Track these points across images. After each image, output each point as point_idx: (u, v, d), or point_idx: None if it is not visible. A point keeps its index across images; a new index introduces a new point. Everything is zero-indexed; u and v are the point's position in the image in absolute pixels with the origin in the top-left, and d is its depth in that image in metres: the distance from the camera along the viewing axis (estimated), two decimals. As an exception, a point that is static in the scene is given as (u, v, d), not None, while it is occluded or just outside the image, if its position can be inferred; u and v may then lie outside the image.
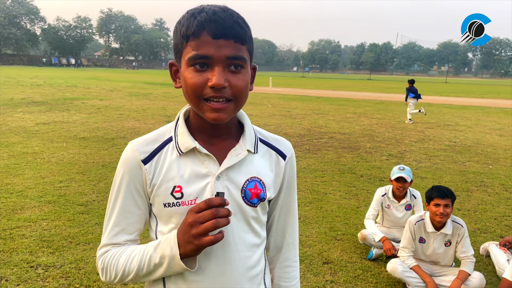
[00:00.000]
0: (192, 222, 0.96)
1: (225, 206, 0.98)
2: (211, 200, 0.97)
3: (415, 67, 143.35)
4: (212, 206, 0.96)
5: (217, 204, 0.97)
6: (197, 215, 0.96)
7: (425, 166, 7.50)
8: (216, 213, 0.96)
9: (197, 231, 0.96)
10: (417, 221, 3.37)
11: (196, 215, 0.97)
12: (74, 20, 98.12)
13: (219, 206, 0.97)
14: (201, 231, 0.95)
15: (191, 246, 0.97)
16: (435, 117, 15.03)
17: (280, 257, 1.29)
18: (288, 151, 1.22)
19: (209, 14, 0.97)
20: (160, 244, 1.02)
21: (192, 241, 0.97)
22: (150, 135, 1.13)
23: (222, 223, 0.96)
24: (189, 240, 0.97)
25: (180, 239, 0.99)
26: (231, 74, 0.99)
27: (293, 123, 12.28)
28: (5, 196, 5.00)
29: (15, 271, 3.29)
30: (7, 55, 79.26)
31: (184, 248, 0.98)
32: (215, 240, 0.96)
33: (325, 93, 27.25)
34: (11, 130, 9.43)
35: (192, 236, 0.96)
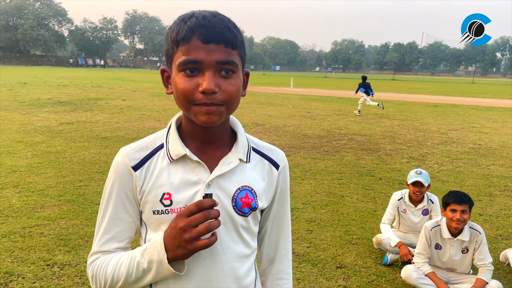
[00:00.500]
0: (184, 227, 0.94)
1: (215, 207, 0.97)
2: (202, 202, 0.95)
3: (441, 67, 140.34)
4: (203, 209, 0.95)
5: (208, 206, 0.95)
6: (188, 219, 0.94)
7: (447, 169, 7.33)
8: (208, 216, 0.94)
9: (190, 236, 0.94)
10: (433, 226, 3.28)
11: (188, 219, 0.94)
12: (100, 22, 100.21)
13: (209, 208, 0.96)
14: (194, 235, 0.94)
15: (182, 250, 0.96)
16: (459, 119, 14.67)
17: (272, 269, 1.27)
18: (282, 161, 1.20)
19: (199, 19, 0.97)
20: (147, 249, 1.01)
21: (185, 246, 0.95)
22: (142, 142, 1.13)
23: (215, 225, 0.95)
24: (181, 245, 0.95)
25: (170, 244, 0.97)
26: (222, 79, 0.99)
27: (312, 124, 12.20)
28: (26, 195, 5.13)
29: (32, 268, 3.37)
30: (36, 56, 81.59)
31: (174, 252, 0.97)
32: (209, 243, 0.95)
33: (347, 94, 26.95)
34: (36, 129, 9.68)
35: (184, 241, 0.95)
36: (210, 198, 0.97)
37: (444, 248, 3.27)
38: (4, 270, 3.32)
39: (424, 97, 25.85)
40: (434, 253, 3.33)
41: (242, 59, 1.04)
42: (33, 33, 78.78)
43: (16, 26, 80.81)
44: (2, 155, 7.10)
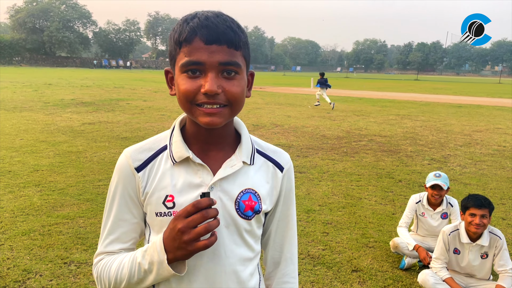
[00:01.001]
0: (183, 228, 0.93)
1: (213, 206, 0.95)
2: (200, 202, 0.93)
3: (466, 67, 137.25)
4: (201, 209, 0.93)
5: (206, 205, 0.93)
6: (186, 221, 0.93)
7: (470, 171, 7.14)
8: (206, 216, 0.93)
9: (190, 237, 0.93)
10: (452, 231, 3.20)
11: (186, 221, 0.93)
12: (123, 24, 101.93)
13: (207, 208, 0.94)
14: (193, 237, 0.93)
15: (182, 251, 0.95)
16: (484, 120, 14.30)
17: (277, 273, 1.25)
18: (286, 163, 1.18)
19: (202, 19, 0.96)
20: (147, 250, 1.01)
21: (185, 247, 0.94)
22: (145, 143, 1.13)
23: (214, 225, 0.94)
24: (180, 246, 0.94)
25: (169, 245, 0.96)
26: (225, 80, 0.97)
27: (332, 125, 12.09)
28: (47, 194, 5.24)
29: (50, 266, 3.44)
30: (61, 57, 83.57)
31: (174, 253, 0.96)
32: (209, 244, 0.94)
33: (368, 94, 26.65)
34: (59, 129, 9.89)
35: (184, 243, 0.93)
36: (207, 197, 0.95)
37: (463, 253, 3.18)
38: (22, 268, 3.39)
39: (448, 98, 25.32)
40: (453, 258, 3.24)
41: (246, 60, 1.03)
42: (58, 35, 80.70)
43: (43, 29, 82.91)
44: (26, 154, 7.27)
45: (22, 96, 17.53)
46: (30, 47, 79.10)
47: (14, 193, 5.21)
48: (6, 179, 5.79)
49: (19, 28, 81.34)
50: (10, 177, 5.87)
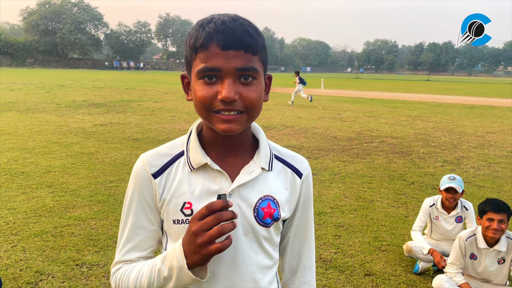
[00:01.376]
0: (196, 231, 0.90)
1: (229, 208, 0.91)
2: (213, 204, 0.90)
3: (479, 67, 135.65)
4: (215, 211, 0.90)
5: (219, 207, 0.90)
6: (200, 223, 0.90)
7: (484, 174, 7.04)
8: (220, 218, 0.89)
9: (202, 240, 0.90)
10: (469, 236, 3.13)
11: (199, 223, 0.90)
12: (134, 25, 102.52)
13: (222, 210, 0.91)
14: (206, 240, 0.89)
15: (198, 256, 0.92)
16: (498, 121, 14.09)
17: (295, 281, 1.22)
18: (305, 169, 1.16)
19: (218, 24, 0.94)
20: (167, 256, 0.98)
21: (199, 251, 0.91)
22: (162, 148, 1.11)
23: (227, 228, 0.89)
24: (195, 250, 0.92)
25: (186, 250, 0.94)
26: (242, 86, 0.95)
27: (342, 126, 12.01)
28: (59, 195, 5.28)
29: (62, 268, 3.45)
30: (73, 59, 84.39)
31: (192, 258, 0.93)
32: (222, 247, 0.90)
33: (379, 95, 26.47)
34: (71, 131, 9.98)
35: (197, 246, 0.91)
36: (222, 199, 0.92)
37: (480, 259, 3.12)
38: (35, 269, 3.41)
39: (460, 98, 25.04)
40: (469, 263, 3.18)
41: (263, 64, 1.01)
42: (70, 37, 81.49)
43: (55, 31, 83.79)
44: (39, 155, 7.34)
45: (35, 97, 17.73)
46: (42, 49, 80.00)
47: (27, 194, 5.26)
48: (19, 180, 5.85)
49: (32, 30, 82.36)
50: (23, 178, 5.93)
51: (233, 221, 0.91)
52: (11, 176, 6.01)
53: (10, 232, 4.13)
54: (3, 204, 4.88)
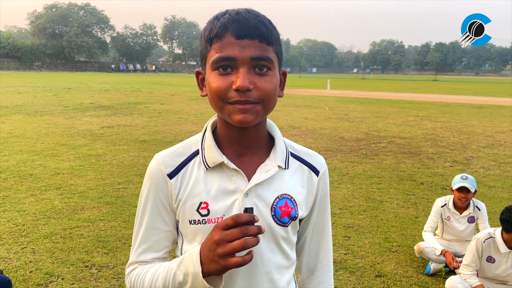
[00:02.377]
0: (219, 240, 0.89)
1: (255, 223, 0.89)
2: (239, 216, 0.89)
3: (486, 67, 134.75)
4: (240, 224, 0.88)
5: (246, 221, 0.88)
6: (224, 233, 0.89)
7: (494, 174, 6.96)
8: (245, 232, 0.87)
9: (224, 251, 0.88)
10: (486, 238, 3.05)
11: (224, 233, 0.89)
12: (141, 28, 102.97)
13: (248, 224, 0.89)
14: (227, 251, 0.88)
15: (215, 265, 0.90)
16: (507, 121, 13.96)
17: (313, 281, 1.20)
18: (321, 166, 1.14)
19: (232, 15, 0.94)
20: (183, 261, 0.97)
21: (218, 261, 0.89)
22: (177, 148, 1.09)
23: (251, 243, 0.88)
24: (214, 259, 0.90)
25: (204, 257, 0.92)
26: (257, 76, 0.94)
27: (350, 127, 11.95)
28: (68, 197, 5.29)
29: (71, 270, 3.45)
30: (80, 62, 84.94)
31: (208, 266, 0.91)
32: (242, 262, 0.88)
33: (386, 95, 26.34)
34: (79, 133, 10.02)
35: (217, 255, 0.89)
36: (249, 213, 0.90)
37: (499, 261, 3.05)
38: (44, 271, 3.41)
39: (468, 98, 24.85)
40: (485, 265, 3.11)
41: (278, 57, 0.99)
42: (77, 40, 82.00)
43: (62, 34, 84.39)
44: (47, 157, 7.37)
45: (43, 100, 17.85)
46: (50, 52, 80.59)
47: (36, 196, 5.27)
48: (28, 182, 5.87)
49: (39, 33, 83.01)
50: (31, 180, 5.95)
51: (258, 236, 0.89)
52: (20, 178, 6.03)
53: (19, 234, 4.13)
54: (12, 206, 4.90)
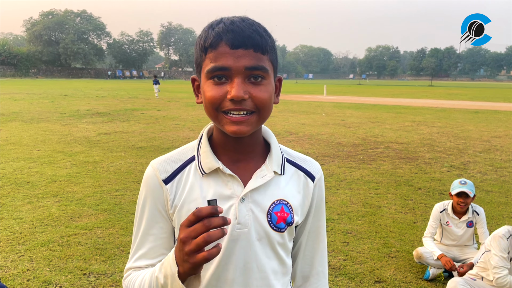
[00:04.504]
0: (184, 238, 0.85)
1: (218, 214, 0.85)
2: (200, 210, 0.83)
3: (481, 72, 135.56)
4: (202, 217, 0.84)
5: (207, 213, 0.83)
6: (188, 230, 0.85)
7: (491, 178, 6.98)
8: (208, 225, 0.83)
9: (190, 248, 0.84)
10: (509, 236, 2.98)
11: (187, 230, 0.85)
12: (137, 35, 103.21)
13: (211, 216, 0.84)
14: (193, 248, 0.83)
15: (187, 264, 0.86)
16: (502, 125, 14.03)
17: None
18: (317, 172, 1.14)
19: (227, 24, 0.94)
20: (163, 263, 0.95)
21: (187, 260, 0.86)
22: (172, 154, 1.09)
23: (214, 236, 0.82)
24: (184, 259, 0.86)
25: (177, 257, 0.89)
26: (252, 86, 0.94)
27: (347, 132, 11.98)
28: (65, 204, 5.26)
29: (69, 278, 3.42)
30: (76, 69, 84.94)
31: (183, 266, 0.88)
32: (208, 256, 0.83)
33: (382, 101, 26.44)
34: (76, 140, 9.99)
35: (186, 254, 0.85)
36: (210, 206, 0.85)
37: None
38: (42, 279, 3.38)
39: (464, 103, 24.98)
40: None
41: (273, 65, 0.99)
42: (73, 47, 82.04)
43: (58, 41, 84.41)
44: (44, 165, 7.34)
45: (39, 107, 17.80)
46: (46, 59, 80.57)
47: (33, 204, 5.24)
48: (24, 189, 5.84)
49: (35, 40, 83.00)
50: (28, 188, 5.92)
51: (223, 228, 0.85)
52: (16, 186, 6.00)
53: (16, 242, 4.10)
54: (9, 214, 4.87)
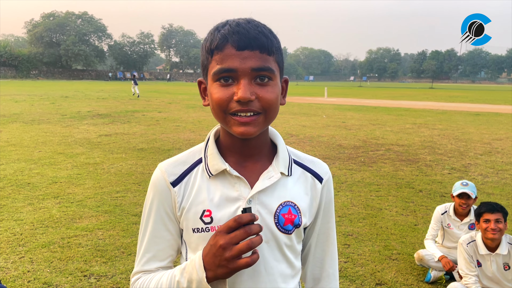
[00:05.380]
0: (225, 245, 0.88)
1: (255, 221, 0.90)
2: (241, 217, 0.89)
3: (482, 74, 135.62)
4: (243, 224, 0.89)
5: (248, 221, 0.89)
6: (229, 236, 0.89)
7: (492, 181, 6.97)
8: (249, 232, 0.88)
9: (231, 254, 0.88)
10: (468, 242, 3.13)
11: (228, 236, 0.89)
12: (138, 36, 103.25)
13: (250, 223, 0.89)
14: (235, 254, 0.88)
15: (223, 269, 0.90)
16: (503, 128, 14.02)
17: None
18: (325, 173, 1.13)
19: (233, 26, 0.94)
20: (186, 268, 0.96)
21: (226, 265, 0.89)
22: (180, 156, 1.10)
23: (256, 242, 0.89)
24: (221, 264, 0.90)
25: (209, 263, 0.91)
26: (258, 87, 0.94)
27: (348, 134, 11.98)
28: (66, 205, 5.26)
29: (70, 279, 3.42)
30: (77, 70, 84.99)
31: (215, 271, 0.91)
32: (251, 262, 0.89)
33: (383, 103, 26.44)
34: (76, 141, 9.99)
35: (225, 260, 0.89)
36: (249, 213, 0.90)
37: (485, 265, 3.08)
38: (43, 281, 3.38)
39: (464, 106, 24.97)
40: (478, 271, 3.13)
41: (279, 66, 1.00)
42: (74, 49, 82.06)
43: (59, 42, 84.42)
44: (44, 166, 7.34)
45: (40, 109, 17.82)
46: (47, 61, 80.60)
47: (34, 205, 5.24)
48: (25, 191, 5.84)
49: (36, 42, 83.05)
50: (29, 189, 5.91)
51: (260, 235, 0.90)
52: (17, 187, 6.00)
53: (17, 243, 4.10)
54: (10, 215, 4.86)
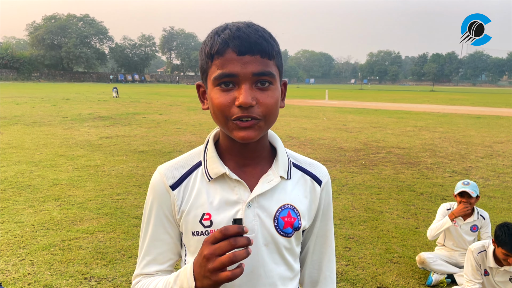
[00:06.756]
0: (208, 255, 0.86)
1: (244, 234, 0.86)
2: (227, 228, 0.85)
3: (483, 77, 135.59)
4: (229, 236, 0.85)
5: (234, 233, 0.85)
6: (213, 247, 0.86)
7: (493, 184, 6.96)
8: (234, 244, 0.84)
9: (213, 266, 0.85)
10: (479, 252, 3.07)
11: (212, 247, 0.86)
12: (139, 39, 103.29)
13: (237, 236, 0.86)
14: (217, 266, 0.85)
15: (207, 281, 0.87)
16: (505, 131, 14.01)
17: None
18: (324, 176, 1.14)
19: (233, 30, 0.94)
20: (179, 275, 0.96)
21: (209, 276, 0.86)
22: (179, 159, 1.10)
23: (240, 256, 0.84)
24: (205, 275, 0.87)
25: (197, 272, 0.90)
26: (259, 92, 0.94)
27: (348, 137, 11.97)
28: (66, 208, 5.25)
29: (70, 282, 3.41)
30: (78, 72, 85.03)
31: (202, 282, 0.89)
32: (232, 276, 0.85)
33: (383, 106, 26.44)
34: (77, 143, 10.00)
35: (208, 271, 0.86)
36: (238, 225, 0.87)
37: (492, 275, 3.05)
38: (43, 283, 3.37)
39: (465, 109, 24.96)
40: (484, 279, 3.10)
41: (279, 69, 1.00)
42: (76, 51, 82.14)
43: (60, 45, 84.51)
44: (45, 168, 7.34)
45: (41, 111, 17.84)
46: (48, 63, 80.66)
47: (34, 208, 5.24)
48: (26, 193, 5.84)
49: (37, 44, 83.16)
50: (30, 191, 5.92)
51: (248, 248, 0.86)
52: (18, 189, 6.00)
53: (18, 246, 4.10)
54: (11, 218, 4.86)
